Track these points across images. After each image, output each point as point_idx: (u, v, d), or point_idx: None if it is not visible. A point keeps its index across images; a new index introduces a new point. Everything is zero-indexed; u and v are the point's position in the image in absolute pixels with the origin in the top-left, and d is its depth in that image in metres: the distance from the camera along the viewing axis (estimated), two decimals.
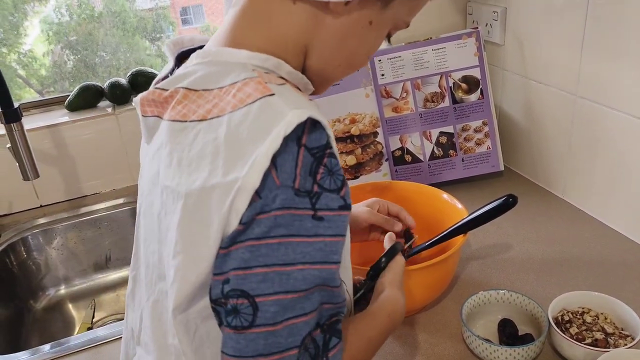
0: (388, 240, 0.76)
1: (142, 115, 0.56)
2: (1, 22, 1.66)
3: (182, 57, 0.60)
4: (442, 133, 1.21)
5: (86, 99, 1.34)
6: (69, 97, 1.34)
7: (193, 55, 0.55)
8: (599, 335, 0.74)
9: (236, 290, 0.44)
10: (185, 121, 0.50)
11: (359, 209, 0.85)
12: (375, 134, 1.20)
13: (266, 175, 0.44)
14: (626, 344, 0.72)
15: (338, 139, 1.17)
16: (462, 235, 0.85)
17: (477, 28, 1.18)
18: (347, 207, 0.47)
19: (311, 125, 0.46)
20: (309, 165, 0.45)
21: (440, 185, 1.21)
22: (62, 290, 1.31)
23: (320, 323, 0.48)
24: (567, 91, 1.06)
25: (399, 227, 0.83)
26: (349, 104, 1.18)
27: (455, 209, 0.92)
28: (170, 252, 0.49)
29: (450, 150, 1.21)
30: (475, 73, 1.19)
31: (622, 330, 0.75)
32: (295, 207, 0.44)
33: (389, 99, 1.20)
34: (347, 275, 0.57)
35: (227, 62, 0.52)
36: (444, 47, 1.18)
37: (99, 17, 1.85)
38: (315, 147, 0.46)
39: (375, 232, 0.87)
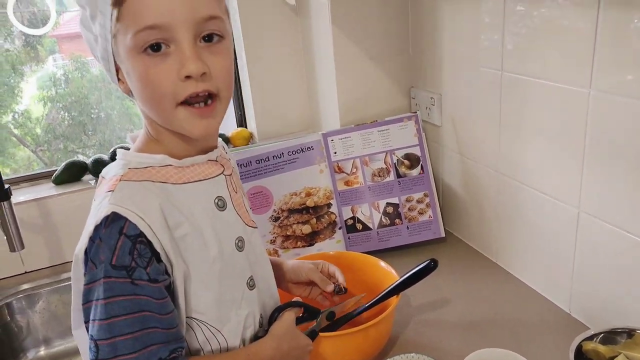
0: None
1: None
2: None
3: None
4: (388, 204, 1.35)
5: (71, 174, 1.49)
6: (56, 172, 1.48)
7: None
8: None
9: (90, 335, 0.64)
10: (96, 200, 0.71)
11: (306, 264, 0.98)
12: (329, 205, 1.35)
13: (96, 252, 0.64)
14: None
15: (295, 210, 1.32)
16: (395, 296, 0.98)
17: (416, 113, 1.36)
18: (151, 280, 0.65)
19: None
20: (128, 247, 0.64)
21: (388, 250, 1.35)
22: (42, 351, 1.41)
23: (163, 358, 0.65)
24: (491, 167, 1.22)
25: (330, 288, 0.95)
26: (304, 179, 1.33)
27: (391, 274, 1.05)
28: None
29: (396, 219, 1.35)
30: (416, 151, 1.35)
31: None
32: (115, 277, 0.64)
33: (341, 174, 1.36)
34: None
35: (121, 159, 0.72)
36: (388, 129, 1.35)
37: (94, 81, 2.00)
38: (132, 234, 0.64)
39: (315, 289, 0.98)
